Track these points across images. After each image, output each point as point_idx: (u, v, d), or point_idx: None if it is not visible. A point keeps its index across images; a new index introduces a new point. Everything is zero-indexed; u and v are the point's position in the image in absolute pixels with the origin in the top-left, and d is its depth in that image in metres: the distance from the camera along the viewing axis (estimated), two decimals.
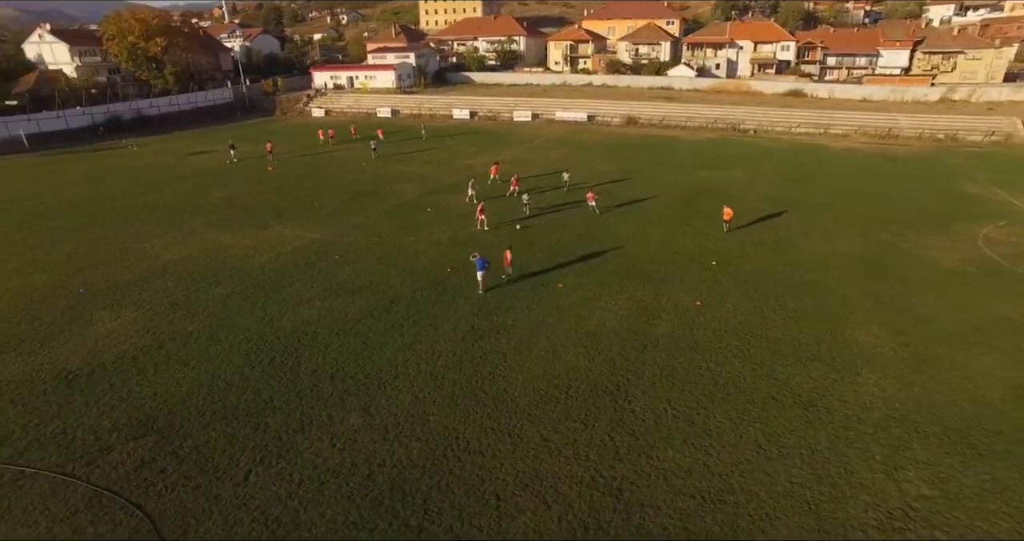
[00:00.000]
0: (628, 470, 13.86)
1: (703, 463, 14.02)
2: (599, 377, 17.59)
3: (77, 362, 19.11)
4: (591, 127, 62.76)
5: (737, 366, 17.97)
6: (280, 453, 14.77)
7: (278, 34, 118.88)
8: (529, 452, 14.57)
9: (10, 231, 32.59)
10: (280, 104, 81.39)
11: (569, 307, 21.99)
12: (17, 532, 12.62)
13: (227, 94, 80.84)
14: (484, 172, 41.59)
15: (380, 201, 36.66)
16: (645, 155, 48.34)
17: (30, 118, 60.64)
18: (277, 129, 68.32)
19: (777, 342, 19.32)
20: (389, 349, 19.48)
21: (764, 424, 15.32)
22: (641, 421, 15.58)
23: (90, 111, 65.19)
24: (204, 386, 17.64)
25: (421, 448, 14.81)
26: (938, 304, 21.82)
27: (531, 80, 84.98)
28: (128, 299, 23.59)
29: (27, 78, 72.88)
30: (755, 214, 32.49)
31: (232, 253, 28.37)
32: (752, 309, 21.59)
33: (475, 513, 12.76)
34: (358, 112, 76.19)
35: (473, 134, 59.32)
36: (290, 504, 13.14)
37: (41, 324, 21.75)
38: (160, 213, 35.26)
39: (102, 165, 50.15)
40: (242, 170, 46.62)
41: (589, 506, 12.86)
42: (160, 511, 13.07)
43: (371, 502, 13.13)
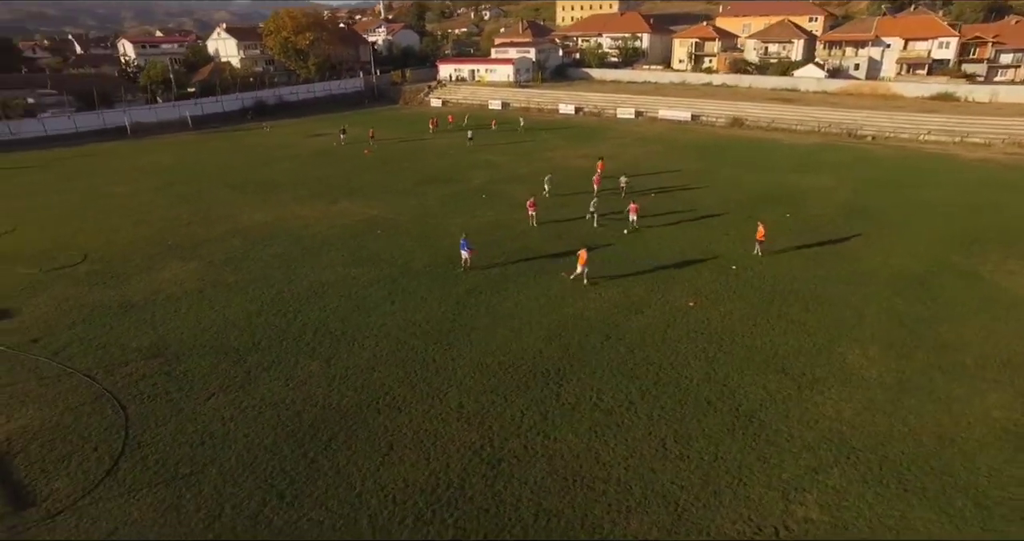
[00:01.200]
0: (518, 445, 14.39)
1: (595, 451, 14.13)
2: (546, 360, 18.03)
3: (139, 296, 23.29)
4: (692, 127, 60.44)
5: (691, 368, 17.43)
6: (243, 384, 17.22)
7: (419, 29, 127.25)
8: (440, 415, 15.60)
9: (146, 194, 39.40)
10: (404, 94, 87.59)
11: (559, 294, 22.40)
12: (42, 411, 16.17)
13: (358, 83, 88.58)
14: (562, 165, 42.52)
15: (446, 186, 38.91)
16: (732, 156, 45.92)
17: (196, 102, 71.55)
18: (394, 116, 73.99)
19: (752, 350, 18.34)
20: (376, 313, 21.38)
21: (681, 426, 14.94)
22: (559, 404, 15.90)
23: (241, 97, 75.23)
24: (216, 325, 20.77)
25: (352, 398, 16.46)
26: (973, 333, 19.16)
27: (649, 78, 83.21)
28: (198, 253, 27.91)
29: (204, 69, 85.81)
30: (818, 221, 30.13)
31: (297, 222, 32.10)
32: (746, 315, 20.51)
33: (363, 456, 14.13)
34: (471, 104, 79.77)
35: (568, 129, 59.88)
36: (228, 425, 15.43)
37: (129, 266, 26.58)
38: (260, 186, 40.50)
39: (238, 143, 58.12)
40: (345, 152, 51.54)
41: (463, 469, 13.67)
42: (136, 413, 16.01)
43: (288, 433, 15.02)
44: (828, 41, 77.71)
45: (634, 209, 28.95)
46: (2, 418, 15.96)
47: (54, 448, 14.69)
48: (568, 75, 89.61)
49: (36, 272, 26.08)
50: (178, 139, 60.47)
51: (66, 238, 30.64)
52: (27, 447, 14.75)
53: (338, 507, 12.65)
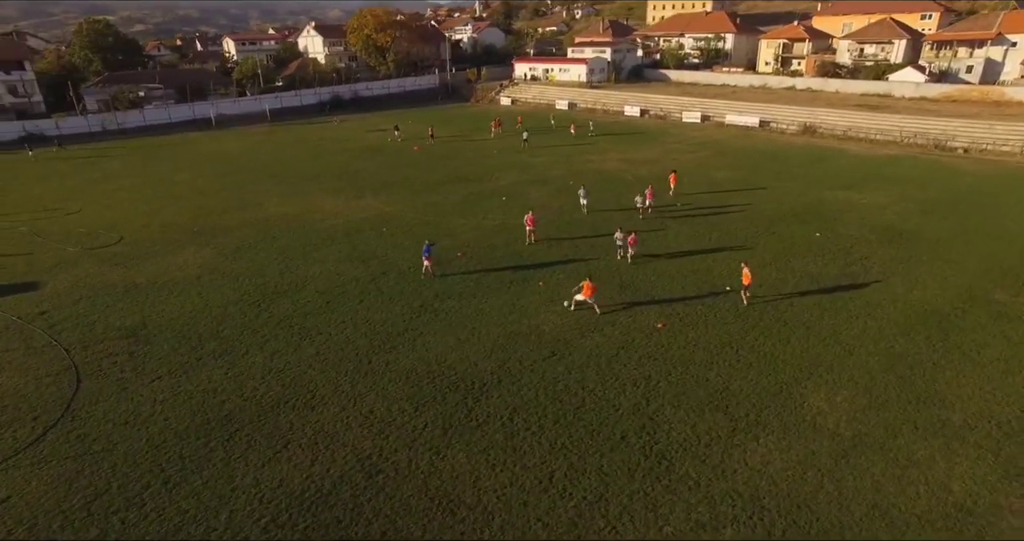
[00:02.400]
0: (404, 458, 14.07)
1: (477, 475, 13.51)
2: (477, 373, 17.53)
3: (144, 279, 25.14)
4: (757, 133, 56.59)
5: (624, 396, 16.27)
6: (188, 370, 18.09)
7: (505, 27, 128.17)
8: (347, 418, 15.57)
9: (199, 181, 42.53)
10: (476, 92, 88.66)
11: (525, 306, 21.71)
12: (12, 379, 17.84)
13: (433, 80, 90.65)
14: (598, 169, 41.35)
15: (473, 186, 38.93)
16: (784, 166, 42.48)
17: (277, 96, 76.30)
18: (461, 114, 75.04)
19: (700, 383, 16.83)
20: (340, 310, 21.75)
21: (580, 459, 13.94)
22: (466, 421, 15.39)
23: (319, 91, 79.32)
24: (194, 311, 21.99)
25: (277, 393, 16.82)
26: (975, 386, 16.48)
27: (728, 81, 78.89)
28: (215, 240, 29.70)
29: (292, 65, 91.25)
30: (849, 243, 27.23)
31: (316, 216, 33.35)
32: (714, 344, 18.87)
33: (256, 451, 14.38)
34: (540, 103, 79.44)
35: (625, 132, 58.03)
36: (156, 407, 16.26)
37: (153, 249, 28.77)
38: (300, 177, 42.52)
39: (301, 135, 61.35)
40: (395, 148, 52.97)
41: (340, 476, 13.56)
42: (87, 388, 17.26)
43: (202, 421, 15.60)
44: (936, 41, 69.91)
45: (632, 241, 25.16)
46: None
47: (3, 413, 16.14)
48: (645, 76, 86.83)
49: (78, 250, 28.85)
50: (252, 131, 64.73)
51: (115, 219, 33.67)
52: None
53: (208, 499, 12.96)
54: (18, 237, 31.23)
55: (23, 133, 59.44)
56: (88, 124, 62.89)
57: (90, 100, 70.26)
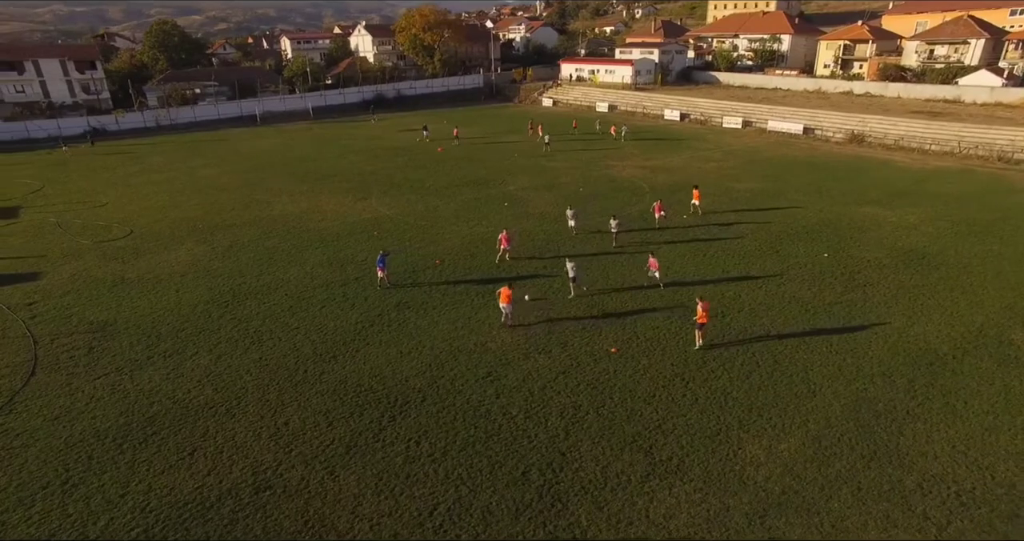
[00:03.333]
0: (297, 476, 13.75)
1: (360, 500, 12.99)
2: (403, 390, 17.01)
3: (134, 274, 26.08)
4: (799, 141, 53.23)
5: (545, 427, 15.30)
6: (133, 369, 18.49)
7: (559, 27, 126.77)
8: (261, 428, 15.41)
9: (222, 177, 44.05)
10: (520, 92, 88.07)
11: (481, 321, 20.99)
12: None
13: (478, 80, 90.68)
14: (619, 176, 40.07)
15: (479, 190, 38.43)
16: (815, 178, 39.59)
17: (322, 94, 78.39)
18: (500, 114, 74.62)
19: (632, 418, 15.64)
20: (299, 316, 21.76)
21: (472, 493, 13.17)
22: (373, 440, 14.89)
23: (363, 90, 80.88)
24: (163, 310, 22.55)
25: (207, 397, 16.89)
26: (947, 444, 14.50)
27: (780, 84, 74.79)
28: (213, 237, 30.53)
29: (343, 63, 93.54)
30: (860, 266, 24.94)
31: (315, 216, 33.76)
32: (663, 375, 17.57)
33: (163, 457, 14.43)
34: (581, 105, 78.05)
35: (658, 137, 56.01)
36: (89, 405, 16.65)
37: (154, 244, 29.88)
38: (316, 176, 43.31)
39: (338, 133, 62.66)
40: (419, 148, 53.20)
41: (229, 489, 13.37)
42: (38, 380, 17.94)
43: (125, 423, 15.83)
44: (1022, 39, 63.64)
45: (654, 265, 22.70)
46: None
47: None
48: (694, 78, 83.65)
49: (89, 243, 30.35)
50: (292, 128, 66.68)
51: (133, 213, 35.28)
52: None
53: (96, 504, 13.08)
54: (45, 228, 33.20)
55: (87, 128, 63.61)
56: (144, 119, 66.68)
57: (151, 97, 74.48)
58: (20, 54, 70.93)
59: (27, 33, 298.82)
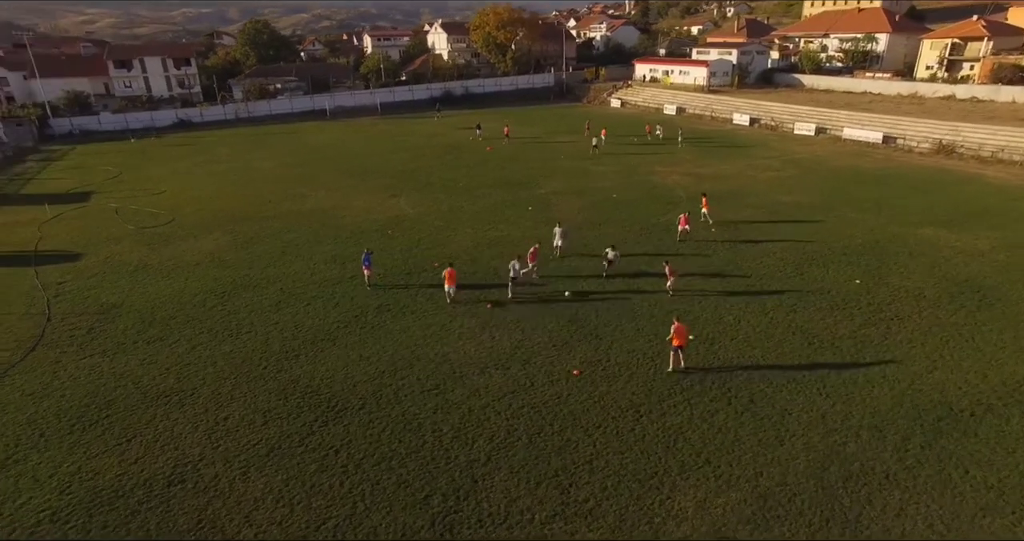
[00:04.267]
0: (211, 473, 13.84)
1: (253, 505, 12.88)
2: (346, 395, 16.79)
3: (156, 261, 27.71)
4: (875, 151, 48.36)
5: (467, 451, 14.54)
6: (117, 352, 19.53)
7: (642, 25, 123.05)
8: (198, 423, 15.67)
9: (276, 170, 46.19)
10: (590, 92, 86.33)
11: (452, 330, 20.44)
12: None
13: (548, 79, 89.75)
14: (659, 183, 38.27)
15: (511, 192, 37.82)
16: (881, 192, 35.66)
17: (391, 90, 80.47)
18: (568, 114, 73.15)
19: (564, 452, 14.53)
20: (284, 311, 22.17)
21: (357, 508, 12.73)
22: (296, 445, 14.74)
23: (431, 87, 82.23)
24: (168, 296, 23.74)
25: (166, 386, 17.47)
26: (928, 523, 12.40)
27: (871, 87, 68.48)
28: (240, 229, 31.91)
29: (418, 60, 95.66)
30: (898, 296, 22.13)
31: (341, 211, 34.56)
32: (617, 406, 16.24)
33: (103, 441, 15.03)
34: (649, 106, 75.42)
35: (718, 143, 52.92)
36: (64, 384, 17.68)
37: (187, 232, 31.68)
38: (360, 171, 44.41)
39: (398, 128, 64.15)
40: (469, 147, 53.33)
41: (148, 477, 13.71)
42: (35, 356, 19.33)
43: (86, 404, 16.63)
44: None
45: (671, 274, 22.19)
46: None
47: None
48: (774, 81, 78.40)
49: (134, 228, 32.66)
50: (357, 123, 68.92)
51: (182, 202, 37.65)
52: None
53: (25, 483, 13.76)
54: (105, 213, 36.11)
55: (175, 120, 68.92)
56: (224, 112, 71.33)
57: (237, 91, 79.58)
58: (129, 53, 78.09)
59: (160, 33, 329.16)
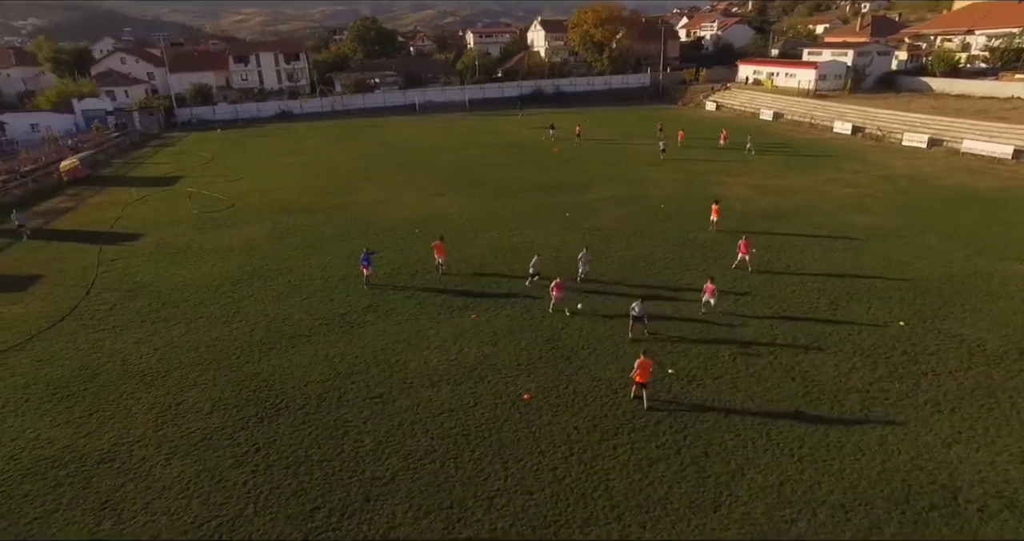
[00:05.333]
0: (139, 457, 14.47)
1: (147, 494, 13.28)
2: (292, 395, 16.86)
3: (197, 246, 29.78)
4: (998, 168, 41.35)
5: (371, 468, 13.97)
6: (123, 330, 21.14)
7: (757, 24, 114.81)
8: (155, 405, 16.47)
9: (346, 162, 48.24)
10: (686, 94, 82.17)
11: (428, 338, 19.95)
12: (35, 307, 23.11)
13: (644, 79, 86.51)
14: (717, 195, 35.06)
15: (557, 195, 36.72)
16: (980, 219, 30.13)
17: (481, 86, 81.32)
18: (657, 116, 68.88)
19: (469, 483, 13.57)
20: (282, 303, 22.87)
21: (225, 516, 12.69)
22: (227, 439, 15.04)
23: (521, 84, 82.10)
24: (192, 280, 25.37)
25: (146, 367, 18.58)
26: None
27: (1020, 92, 59.11)
28: (285, 219, 33.58)
29: (515, 57, 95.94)
30: (932, 343, 18.70)
31: (382, 207, 35.39)
32: (551, 439, 14.95)
33: (73, 412, 16.24)
34: (744, 111, 70.45)
35: (802, 152, 48.15)
36: (69, 355, 19.40)
37: (239, 219, 33.90)
38: (419, 167, 45.36)
39: (478, 125, 65.19)
40: (537, 147, 52.67)
41: (87, 452, 14.59)
42: (61, 327, 21.44)
43: (74, 376, 18.07)
44: None
45: (710, 289, 20.45)
46: (20, 303, 23.47)
47: None
48: (897, 85, 69.88)
49: (196, 213, 35.46)
50: (443, 118, 70.51)
51: (248, 190, 40.37)
52: None
53: None
54: (181, 197, 39.58)
55: (278, 111, 74.25)
56: (321, 105, 75.75)
57: (338, 85, 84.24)
58: (247, 49, 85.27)
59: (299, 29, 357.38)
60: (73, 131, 64.25)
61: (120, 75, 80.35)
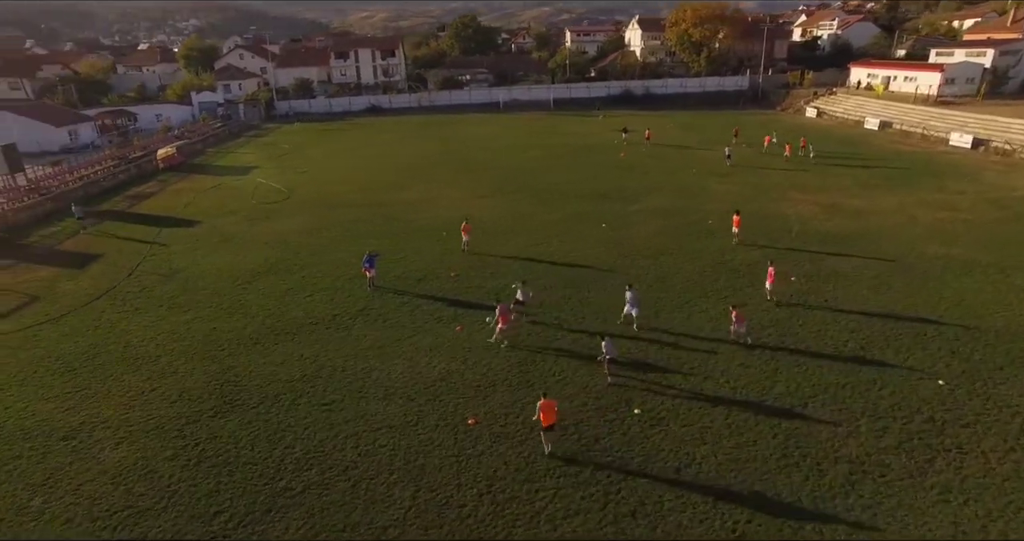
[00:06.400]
0: (99, 437, 15.35)
1: (78, 478, 14.01)
2: (249, 392, 17.18)
3: (241, 235, 31.56)
4: None
5: (279, 471, 13.92)
6: (140, 312, 22.77)
7: (885, 21, 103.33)
8: (133, 388, 17.50)
9: (414, 158, 49.19)
10: (786, 98, 76.05)
11: (398, 349, 19.58)
12: (80, 283, 25.51)
13: (741, 82, 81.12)
14: (776, 213, 32.36)
15: (599, 204, 35.17)
16: None
17: (568, 86, 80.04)
18: (749, 121, 64.44)
19: (372, 509, 13.13)
20: (288, 299, 23.51)
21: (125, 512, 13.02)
22: (174, 430, 15.62)
23: (610, 85, 79.81)
24: (220, 269, 26.79)
25: (142, 351, 19.83)
26: None
27: None
28: (328, 213, 34.79)
29: (610, 57, 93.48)
30: (991, 415, 15.64)
31: (422, 206, 35.76)
32: (484, 472, 14.13)
33: (63, 387, 17.68)
34: (848, 119, 63.94)
35: (901, 167, 42.64)
36: (87, 332, 21.18)
37: (288, 211, 35.62)
38: (478, 167, 45.75)
39: (554, 125, 64.98)
40: (604, 150, 51.05)
41: (56, 428, 15.78)
42: (96, 305, 23.51)
43: (80, 352, 19.71)
44: None
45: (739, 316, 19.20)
46: (75, 279, 26.01)
47: (33, 302, 23.43)
48: None
49: (254, 203, 37.67)
50: (523, 117, 70.40)
51: (309, 182, 42.37)
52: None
53: None
54: (247, 187, 42.24)
55: (368, 105, 77.48)
56: (409, 100, 78.03)
57: (431, 81, 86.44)
58: (347, 46, 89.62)
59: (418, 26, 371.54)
60: (189, 121, 70.83)
61: (237, 70, 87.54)
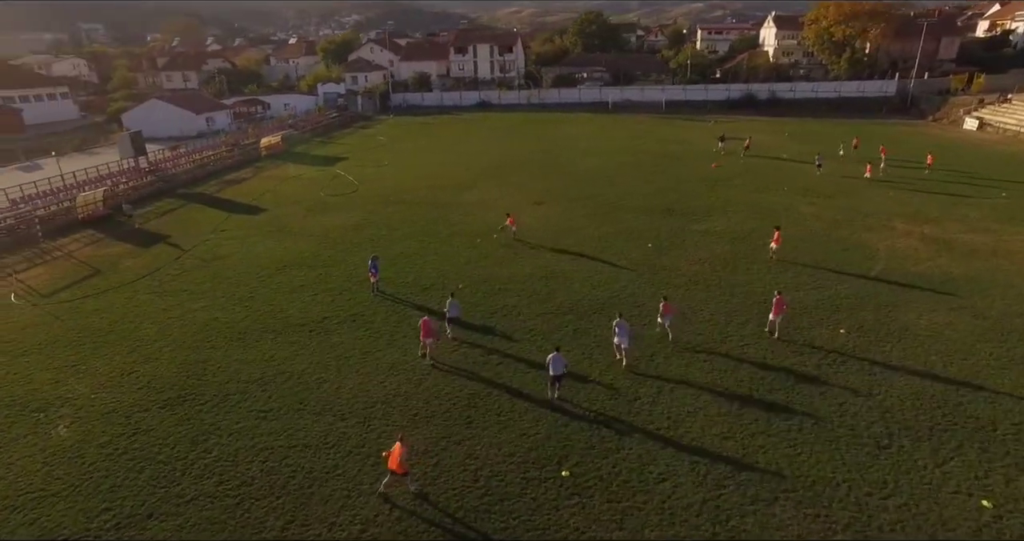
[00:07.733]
0: (68, 412, 16.52)
1: (52, 464, 14.91)
2: (209, 387, 17.45)
3: (297, 226, 32.84)
4: None
5: (206, 476, 13.81)
6: (164, 296, 24.31)
7: None
8: (122, 367, 18.59)
9: (499, 157, 48.80)
10: (942, 107, 65.14)
11: (371, 362, 18.91)
12: (129, 262, 28.00)
13: (887, 87, 70.82)
14: (861, 243, 28.02)
15: (657, 220, 32.09)
16: None
17: (684, 88, 74.99)
18: (886, 134, 56.08)
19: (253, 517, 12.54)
20: (294, 297, 23.67)
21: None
22: (130, 412, 16.22)
23: (730, 88, 73.45)
24: (250, 259, 27.87)
25: (145, 333, 21.08)
26: None
27: None
28: (380, 210, 35.32)
29: (739, 57, 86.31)
30: None
31: (474, 208, 35.15)
32: (366, 514, 13.07)
33: (63, 362, 19.28)
34: (1018, 133, 53.31)
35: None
36: (118, 309, 23.05)
37: (345, 205, 36.64)
38: (550, 171, 44.43)
39: (654, 129, 61.57)
40: (694, 160, 47.19)
41: (49, 401, 17.24)
42: (137, 285, 25.65)
43: (93, 331, 21.34)
44: None
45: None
46: (137, 257, 28.63)
47: (88, 274, 26.00)
48: None
49: (322, 195, 39.28)
50: (626, 119, 67.77)
51: (381, 176, 43.53)
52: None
53: None
54: (326, 177, 44.25)
55: (478, 100, 78.38)
56: (518, 97, 77.67)
57: (544, 79, 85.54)
58: (467, 41, 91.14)
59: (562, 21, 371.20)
60: (312, 110, 76.16)
61: (365, 63, 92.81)
